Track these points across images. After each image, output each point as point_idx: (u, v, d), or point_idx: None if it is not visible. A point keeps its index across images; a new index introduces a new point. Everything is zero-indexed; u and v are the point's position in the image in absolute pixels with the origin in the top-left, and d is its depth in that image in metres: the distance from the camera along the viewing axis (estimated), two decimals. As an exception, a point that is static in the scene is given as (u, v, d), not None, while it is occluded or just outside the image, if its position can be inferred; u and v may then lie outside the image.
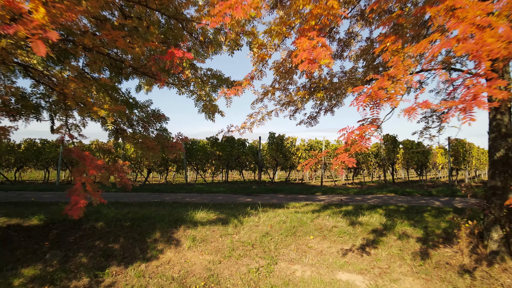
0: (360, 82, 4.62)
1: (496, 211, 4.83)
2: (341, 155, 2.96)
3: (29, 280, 4.54)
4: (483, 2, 2.75)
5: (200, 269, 4.88)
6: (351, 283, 4.52)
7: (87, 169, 4.15)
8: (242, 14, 3.00)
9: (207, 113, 5.68)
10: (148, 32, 5.10)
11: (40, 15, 2.75)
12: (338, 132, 3.15)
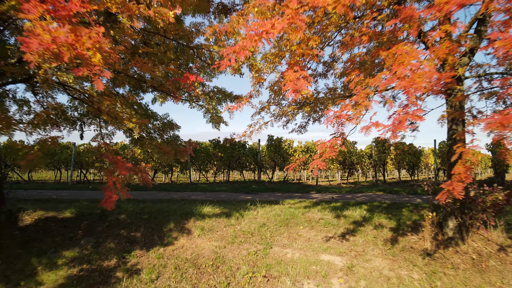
0: (338, 99, 5.67)
1: (451, 205, 5.88)
2: (316, 160, 4.01)
3: (70, 260, 5.60)
4: (417, 50, 3.80)
5: (209, 252, 5.94)
6: (331, 262, 5.58)
7: (119, 170, 5.19)
8: (244, 55, 4.06)
9: (213, 123, 6.74)
10: (165, 56, 6.16)
11: (97, 59, 3.79)
12: (316, 143, 4.20)
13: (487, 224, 5.97)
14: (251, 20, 4.93)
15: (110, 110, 5.32)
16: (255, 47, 4.13)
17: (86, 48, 3.57)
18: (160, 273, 5.39)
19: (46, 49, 3.25)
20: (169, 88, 5.76)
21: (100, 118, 5.70)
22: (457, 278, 5.06)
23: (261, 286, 5.08)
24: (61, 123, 5.84)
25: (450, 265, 5.40)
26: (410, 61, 3.64)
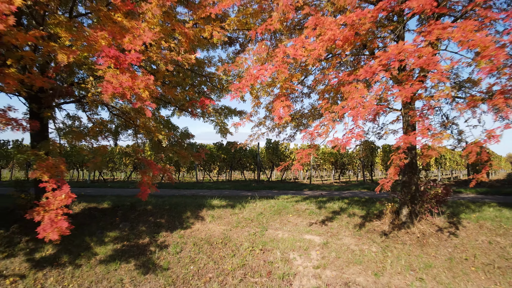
0: (316, 117, 7.47)
1: (404, 196, 7.68)
2: (296, 164, 5.79)
3: (113, 238, 7.41)
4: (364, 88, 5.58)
5: (218, 234, 7.75)
6: (312, 240, 7.38)
7: (152, 170, 6.96)
8: (246, 90, 5.85)
9: (221, 133, 8.52)
10: (184, 82, 7.96)
11: (146, 94, 5.55)
12: (296, 151, 6.00)
13: (432, 212, 7.78)
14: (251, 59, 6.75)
15: (145, 125, 7.12)
16: (254, 84, 5.96)
17: (139, 88, 5.35)
18: (183, 248, 7.19)
19: (116, 91, 5.02)
20: (188, 107, 7.57)
21: (136, 131, 7.49)
22: (403, 250, 6.86)
23: (259, 256, 6.89)
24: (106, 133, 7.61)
25: (400, 241, 7.20)
26: (359, 96, 5.41)
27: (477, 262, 6.39)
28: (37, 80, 5.32)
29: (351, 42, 5.45)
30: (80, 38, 5.46)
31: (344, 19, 5.02)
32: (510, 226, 7.47)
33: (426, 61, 4.28)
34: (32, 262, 6.53)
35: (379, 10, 4.80)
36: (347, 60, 7.04)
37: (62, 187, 5.19)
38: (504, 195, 12.81)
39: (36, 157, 5.51)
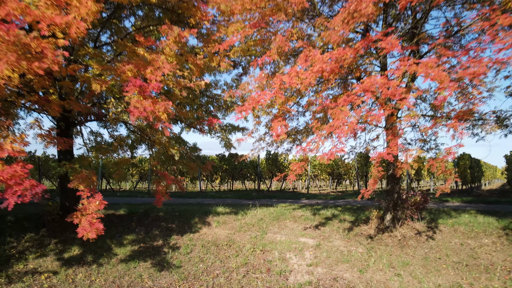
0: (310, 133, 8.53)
1: (387, 204, 8.69)
2: (291, 175, 6.82)
3: (131, 241, 8.41)
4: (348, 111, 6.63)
5: (223, 237, 8.74)
6: (306, 242, 8.37)
7: (166, 181, 7.97)
8: (249, 112, 6.91)
9: (226, 147, 9.56)
10: (194, 102, 9.04)
11: (164, 116, 6.60)
12: (291, 164, 7.03)
13: (413, 217, 8.78)
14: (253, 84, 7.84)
15: (159, 141, 8.17)
16: (255, 107, 7.03)
17: (159, 111, 6.38)
18: (192, 249, 8.19)
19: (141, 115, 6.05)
20: (197, 124, 8.64)
21: (151, 144, 8.54)
22: (386, 251, 7.85)
23: (259, 256, 7.89)
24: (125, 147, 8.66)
25: (384, 243, 8.20)
26: (343, 117, 6.44)
27: (448, 261, 7.37)
28: (75, 106, 6.40)
29: (336, 73, 6.53)
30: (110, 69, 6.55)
31: (329, 55, 6.10)
32: (480, 230, 8.47)
33: (392, 92, 5.35)
34: (62, 261, 7.52)
35: (356, 50, 5.90)
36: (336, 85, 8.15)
37: (95, 195, 6.22)
38: (487, 203, 13.79)
39: (72, 170, 6.55)
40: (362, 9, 5.59)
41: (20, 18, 5.10)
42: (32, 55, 4.99)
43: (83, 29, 5.47)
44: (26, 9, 5.12)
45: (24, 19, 5.13)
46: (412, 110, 6.33)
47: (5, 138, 5.50)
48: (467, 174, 20.54)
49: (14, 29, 4.73)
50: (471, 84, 5.45)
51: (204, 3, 7.90)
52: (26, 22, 5.14)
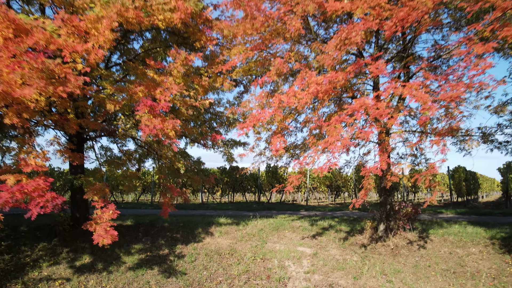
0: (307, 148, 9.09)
1: (381, 215, 9.19)
2: (288, 186, 7.35)
3: (138, 250, 8.89)
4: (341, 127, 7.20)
5: (226, 246, 9.23)
6: (303, 251, 8.86)
7: (172, 193, 8.48)
8: (250, 129, 7.48)
9: (228, 161, 10.12)
10: (198, 119, 9.63)
11: (172, 133, 7.16)
12: (288, 176, 7.56)
13: (405, 228, 9.27)
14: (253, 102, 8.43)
15: (166, 155, 8.73)
16: (256, 124, 7.60)
17: (167, 129, 6.94)
18: (196, 257, 8.67)
19: (151, 132, 6.59)
20: (201, 140, 9.22)
21: (158, 158, 9.10)
22: (379, 259, 8.33)
23: (260, 264, 8.37)
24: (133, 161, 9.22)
25: (377, 252, 8.68)
26: (337, 134, 6.99)
27: (437, 268, 7.85)
28: (90, 124, 6.98)
29: (330, 94, 7.13)
30: (122, 90, 7.14)
31: (323, 78, 6.70)
32: (468, 239, 8.95)
33: (380, 112, 5.92)
34: (74, 268, 8.01)
35: (347, 73, 6.50)
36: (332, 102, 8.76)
37: (108, 205, 6.74)
38: (480, 215, 14.26)
39: (86, 182, 7.10)
40: (352, 37, 6.21)
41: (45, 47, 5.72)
42: (56, 80, 5.59)
43: (101, 55, 6.09)
44: (50, 38, 5.75)
45: (49, 47, 5.74)
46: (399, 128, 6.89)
47: (29, 154, 6.07)
48: (462, 186, 21.03)
49: (42, 57, 5.33)
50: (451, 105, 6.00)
51: (209, 28, 8.55)
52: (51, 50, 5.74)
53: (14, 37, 5.61)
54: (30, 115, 5.39)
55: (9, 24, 5.54)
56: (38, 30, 5.72)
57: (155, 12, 7.01)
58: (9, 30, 5.55)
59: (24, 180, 5.72)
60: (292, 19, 7.41)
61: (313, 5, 7.21)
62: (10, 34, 5.56)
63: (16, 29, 5.63)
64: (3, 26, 5.51)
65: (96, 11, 6.43)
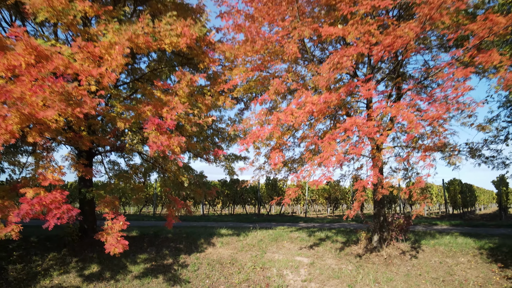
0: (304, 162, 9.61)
1: (375, 226, 9.65)
2: (286, 199, 7.84)
3: (143, 260, 9.33)
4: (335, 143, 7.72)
5: (227, 256, 9.67)
6: (301, 261, 9.30)
7: (176, 205, 8.95)
8: (250, 144, 8.01)
9: (229, 174, 10.63)
10: (201, 134, 10.16)
11: (178, 149, 7.67)
12: (287, 189, 8.06)
13: (398, 238, 9.73)
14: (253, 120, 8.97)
15: (170, 169, 9.23)
16: (255, 140, 8.13)
17: (173, 145, 7.44)
18: (199, 267, 9.11)
19: (159, 149, 7.09)
20: (204, 154, 9.75)
21: (163, 172, 9.61)
22: (372, 268, 8.76)
23: (259, 273, 8.81)
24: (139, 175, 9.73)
25: (371, 262, 9.12)
26: (331, 149, 7.50)
27: (428, 277, 8.29)
28: (102, 140, 7.52)
29: (325, 113, 7.67)
30: (132, 109, 7.69)
31: (318, 99, 7.25)
32: (458, 249, 9.40)
33: (369, 130, 6.46)
34: (83, 277, 8.44)
35: (340, 94, 7.06)
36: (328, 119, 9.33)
37: (118, 217, 7.22)
38: (474, 226, 14.70)
39: (98, 195, 7.59)
40: (343, 62, 6.79)
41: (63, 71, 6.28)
42: (74, 102, 6.14)
43: (114, 79, 6.66)
44: (68, 64, 6.33)
45: (67, 72, 6.31)
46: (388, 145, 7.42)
47: (47, 169, 6.59)
48: (457, 198, 21.47)
49: (61, 82, 5.89)
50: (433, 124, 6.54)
51: (212, 50, 9.15)
52: (68, 74, 6.30)
53: (35, 62, 6.19)
54: (51, 134, 5.93)
55: (31, 51, 6.13)
56: (57, 56, 6.30)
57: (162, 37, 7.58)
58: (31, 57, 6.14)
59: (42, 193, 6.22)
60: (289, 43, 7.99)
61: (308, 30, 7.82)
62: (32, 60, 6.14)
63: (38, 55, 6.22)
64: (26, 53, 6.09)
65: (108, 37, 7.02)
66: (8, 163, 7.72)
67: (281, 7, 8.39)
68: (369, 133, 6.46)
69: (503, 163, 9.40)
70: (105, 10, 7.36)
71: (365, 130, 6.56)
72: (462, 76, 6.21)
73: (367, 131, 6.49)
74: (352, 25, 7.36)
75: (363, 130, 6.60)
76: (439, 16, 5.88)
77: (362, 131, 6.62)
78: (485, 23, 5.98)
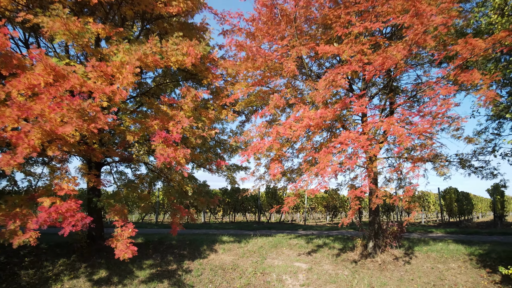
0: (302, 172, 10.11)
1: (370, 233, 10.11)
2: (284, 207, 8.32)
3: (149, 265, 9.79)
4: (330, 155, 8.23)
5: (229, 262, 10.12)
6: (299, 266, 9.75)
7: (181, 213, 9.42)
8: (251, 155, 8.52)
9: (231, 184, 11.13)
10: (204, 146, 10.67)
11: (183, 161, 8.17)
12: (285, 198, 8.55)
13: (392, 245, 10.18)
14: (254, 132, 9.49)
15: (175, 179, 9.73)
16: (256, 152, 8.63)
17: (179, 157, 7.93)
18: (202, 272, 9.56)
19: (166, 160, 7.57)
20: (206, 165, 10.26)
21: (168, 181, 10.11)
22: (367, 273, 9.21)
23: (260, 278, 9.26)
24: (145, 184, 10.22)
25: (366, 267, 9.56)
26: (327, 161, 8.01)
27: (419, 281, 8.73)
28: (112, 152, 8.02)
29: (321, 127, 8.20)
30: (140, 123, 8.20)
31: (314, 114, 7.78)
32: (449, 256, 9.85)
33: (361, 143, 6.97)
34: (92, 282, 8.90)
35: (335, 110, 7.59)
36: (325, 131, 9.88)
37: (127, 225, 7.70)
38: (468, 234, 15.13)
39: (108, 204, 8.08)
40: (338, 80, 7.32)
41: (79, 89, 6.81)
42: (89, 118, 6.65)
43: (125, 96, 7.19)
44: (84, 83, 6.86)
45: (82, 90, 6.84)
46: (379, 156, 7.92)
47: (62, 179, 7.09)
48: (453, 207, 21.91)
49: (78, 99, 6.41)
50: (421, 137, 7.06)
51: (215, 66, 9.71)
52: (84, 92, 6.83)
53: (53, 81, 6.73)
54: (68, 148, 6.45)
55: (50, 71, 6.67)
56: (73, 76, 6.85)
57: (169, 56, 8.12)
58: (50, 76, 6.68)
59: (58, 202, 6.72)
60: (288, 61, 8.54)
61: (305, 49, 8.39)
62: (51, 79, 6.68)
63: (56, 75, 6.76)
64: (45, 72, 6.64)
65: (119, 57, 7.57)
66: (24, 174, 8.20)
67: (280, 26, 8.97)
68: (361, 147, 6.97)
69: (491, 173, 9.88)
70: (116, 31, 7.91)
71: (358, 144, 7.07)
72: (446, 93, 6.74)
73: (359, 145, 7.00)
74: (346, 44, 7.92)
75: (356, 143, 7.12)
76: (423, 41, 6.43)
77: (354, 145, 7.13)
78: (466, 46, 6.53)
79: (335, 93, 10.40)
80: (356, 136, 7.25)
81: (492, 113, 8.08)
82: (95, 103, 6.83)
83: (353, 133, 7.32)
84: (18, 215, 6.61)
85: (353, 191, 7.51)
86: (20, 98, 6.47)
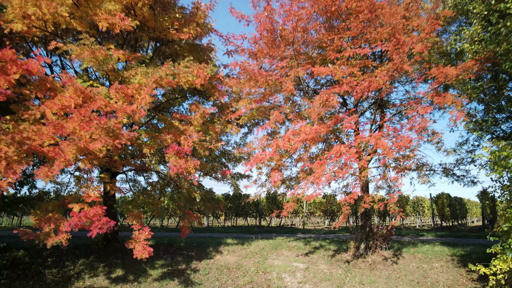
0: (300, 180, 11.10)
1: (361, 236, 11.09)
2: (284, 212, 9.31)
3: (160, 265, 10.76)
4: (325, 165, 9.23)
5: (233, 262, 11.09)
6: (297, 266, 10.72)
7: (190, 217, 10.39)
8: (253, 166, 9.52)
9: (235, 191, 12.11)
10: (210, 156, 11.68)
11: (194, 171, 9.16)
12: (284, 204, 9.54)
13: (382, 247, 11.16)
14: (256, 145, 10.51)
15: (184, 187, 10.73)
16: (258, 163, 9.64)
17: (190, 167, 8.91)
18: (209, 271, 10.54)
19: (178, 171, 8.55)
20: (212, 173, 11.28)
21: (177, 189, 11.11)
22: (358, 272, 10.19)
23: (261, 276, 10.24)
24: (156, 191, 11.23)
25: (358, 267, 10.54)
26: (322, 170, 9.01)
27: (405, 279, 9.71)
28: (131, 164, 9.03)
29: (316, 140, 9.22)
30: (155, 138, 9.21)
31: (310, 130, 8.79)
32: (433, 256, 10.83)
33: (351, 156, 7.98)
34: (110, 279, 9.86)
35: (328, 126, 8.61)
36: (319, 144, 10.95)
37: (144, 228, 8.68)
38: (456, 237, 16.11)
39: (127, 210, 9.07)
40: (330, 101, 8.35)
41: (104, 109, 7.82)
42: (113, 135, 7.66)
43: (143, 114, 8.20)
44: (108, 103, 7.88)
45: (106, 109, 7.86)
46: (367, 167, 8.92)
47: (89, 188, 8.10)
48: (445, 211, 22.89)
49: (104, 119, 7.42)
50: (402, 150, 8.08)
51: (220, 84, 10.75)
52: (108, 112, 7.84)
53: (82, 102, 7.76)
54: (98, 162, 7.46)
55: (80, 94, 7.70)
56: (99, 97, 7.87)
57: (180, 77, 9.14)
58: (80, 98, 7.71)
59: (86, 208, 7.71)
60: (287, 80, 9.57)
61: (302, 71, 9.44)
62: (80, 101, 7.71)
63: (84, 97, 7.79)
64: (75, 95, 7.67)
65: (137, 79, 8.60)
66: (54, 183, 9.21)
67: (280, 48, 10.01)
68: (351, 159, 7.99)
69: (472, 181, 10.89)
70: (134, 56, 8.94)
71: (347, 157, 8.08)
72: (424, 113, 7.77)
73: (348, 158, 8.02)
74: (339, 65, 8.97)
75: (346, 156, 8.13)
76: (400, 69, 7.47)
77: (344, 158, 8.14)
78: (441, 72, 7.56)
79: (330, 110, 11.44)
80: (347, 149, 8.26)
81: (466, 129, 9.10)
82: (118, 121, 7.84)
83: (344, 147, 8.33)
84: (51, 219, 7.61)
85: (344, 198, 8.51)
86: (53, 117, 7.49)
